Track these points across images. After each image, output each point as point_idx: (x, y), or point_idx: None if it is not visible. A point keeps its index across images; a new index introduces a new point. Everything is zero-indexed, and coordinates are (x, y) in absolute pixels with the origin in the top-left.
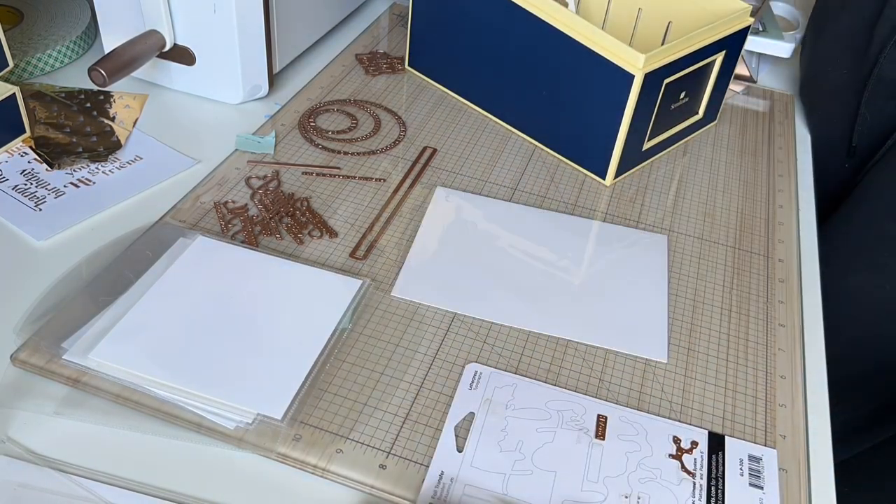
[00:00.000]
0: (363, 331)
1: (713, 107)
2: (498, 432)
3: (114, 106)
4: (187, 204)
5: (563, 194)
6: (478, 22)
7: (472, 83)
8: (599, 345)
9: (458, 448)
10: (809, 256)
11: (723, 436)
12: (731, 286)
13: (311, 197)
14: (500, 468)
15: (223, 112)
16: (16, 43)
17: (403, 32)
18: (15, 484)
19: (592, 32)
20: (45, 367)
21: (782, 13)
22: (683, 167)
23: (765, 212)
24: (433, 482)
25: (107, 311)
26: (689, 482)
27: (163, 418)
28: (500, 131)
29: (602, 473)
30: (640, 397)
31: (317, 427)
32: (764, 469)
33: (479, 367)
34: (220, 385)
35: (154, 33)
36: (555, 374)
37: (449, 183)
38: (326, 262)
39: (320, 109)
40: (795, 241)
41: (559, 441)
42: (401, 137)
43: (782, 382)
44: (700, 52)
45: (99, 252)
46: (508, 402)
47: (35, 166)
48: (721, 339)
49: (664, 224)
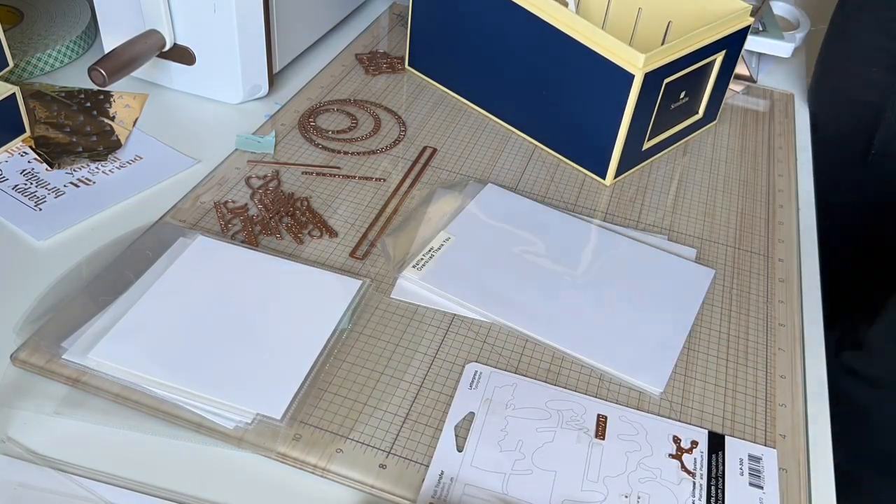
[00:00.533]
0: (363, 330)
1: (713, 106)
2: (498, 432)
3: (114, 105)
4: (187, 204)
5: (563, 194)
6: (478, 22)
7: (472, 83)
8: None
9: (458, 448)
10: (809, 256)
11: (723, 435)
12: (731, 286)
13: (311, 197)
14: (500, 468)
15: (223, 112)
16: (16, 43)
17: (403, 32)
18: (15, 484)
19: (592, 32)
20: (45, 366)
21: (782, 13)
22: (683, 167)
23: (765, 211)
24: (433, 482)
25: (107, 311)
26: (689, 482)
27: (162, 418)
28: (500, 131)
29: (602, 473)
30: (640, 396)
31: (317, 427)
32: (764, 469)
33: (479, 366)
34: (220, 385)
35: (154, 33)
36: (555, 374)
37: (448, 183)
38: (326, 262)
39: (320, 109)
40: (795, 241)
41: (559, 441)
42: (401, 137)
43: (782, 382)
44: (700, 52)
45: (99, 252)
46: (508, 401)
47: (35, 166)
48: (721, 338)
49: (664, 224)
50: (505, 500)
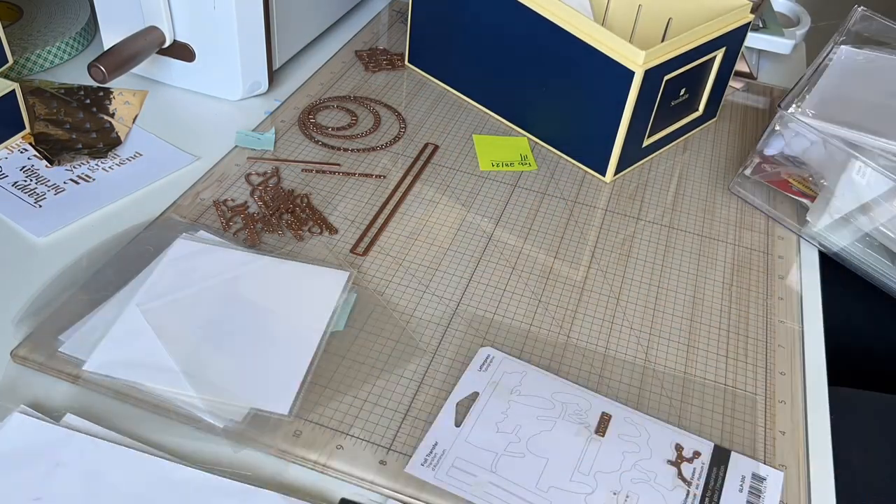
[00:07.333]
0: (363, 327)
1: (713, 103)
2: (498, 414)
3: (113, 102)
4: (187, 200)
5: (564, 191)
6: (478, 18)
7: (472, 80)
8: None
9: (456, 423)
10: (809, 253)
11: (729, 450)
12: (730, 283)
13: (311, 193)
14: (493, 447)
15: (223, 108)
16: (15, 39)
17: (403, 29)
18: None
19: (593, 29)
20: (45, 363)
21: (783, 10)
22: (683, 164)
23: None
24: (426, 450)
25: (105, 306)
26: (682, 490)
27: (164, 415)
28: (500, 128)
29: (595, 468)
30: (639, 393)
31: (317, 423)
32: (766, 489)
33: (492, 350)
34: (222, 384)
35: (154, 30)
36: (556, 365)
37: (448, 180)
38: (326, 258)
39: (320, 106)
40: (795, 238)
41: (558, 431)
42: (400, 134)
43: (781, 378)
44: (700, 49)
45: (99, 247)
46: (515, 387)
47: (35, 163)
48: (721, 335)
49: (664, 220)
50: (490, 483)
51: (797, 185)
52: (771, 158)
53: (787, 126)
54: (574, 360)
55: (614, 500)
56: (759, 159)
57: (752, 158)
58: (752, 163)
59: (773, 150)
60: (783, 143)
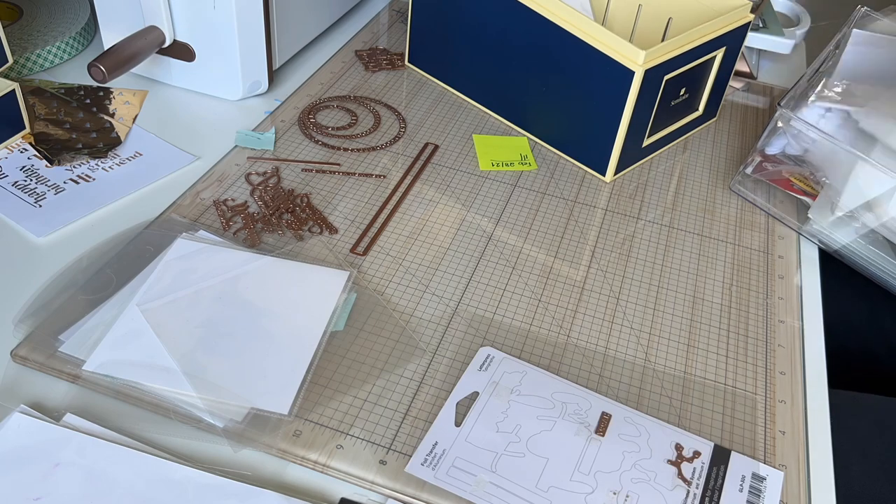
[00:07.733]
0: (363, 326)
1: (713, 103)
2: (498, 414)
3: (113, 102)
4: (187, 200)
5: (564, 190)
6: (478, 18)
7: (473, 79)
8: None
9: (456, 423)
10: (809, 252)
11: (729, 450)
12: (730, 282)
13: (311, 193)
14: (493, 447)
15: (223, 108)
16: (15, 39)
17: (403, 29)
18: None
19: (593, 29)
20: (45, 362)
21: (783, 10)
22: (683, 163)
23: None
24: (426, 450)
25: (105, 306)
26: (682, 489)
27: (164, 415)
28: (500, 128)
29: (595, 468)
30: (639, 393)
31: (317, 423)
32: (766, 489)
33: (492, 350)
34: (222, 384)
35: (154, 29)
36: (556, 365)
37: (448, 180)
38: (326, 258)
39: (320, 106)
40: (795, 238)
41: (558, 431)
42: (401, 134)
43: (781, 378)
44: (700, 49)
45: (99, 247)
46: (515, 387)
47: (35, 162)
48: (721, 335)
49: (664, 220)
50: (490, 483)
51: (799, 184)
52: (772, 157)
53: (789, 124)
54: (574, 360)
55: (614, 499)
56: (761, 158)
57: (753, 157)
58: (753, 161)
59: (776, 149)
60: (785, 142)
